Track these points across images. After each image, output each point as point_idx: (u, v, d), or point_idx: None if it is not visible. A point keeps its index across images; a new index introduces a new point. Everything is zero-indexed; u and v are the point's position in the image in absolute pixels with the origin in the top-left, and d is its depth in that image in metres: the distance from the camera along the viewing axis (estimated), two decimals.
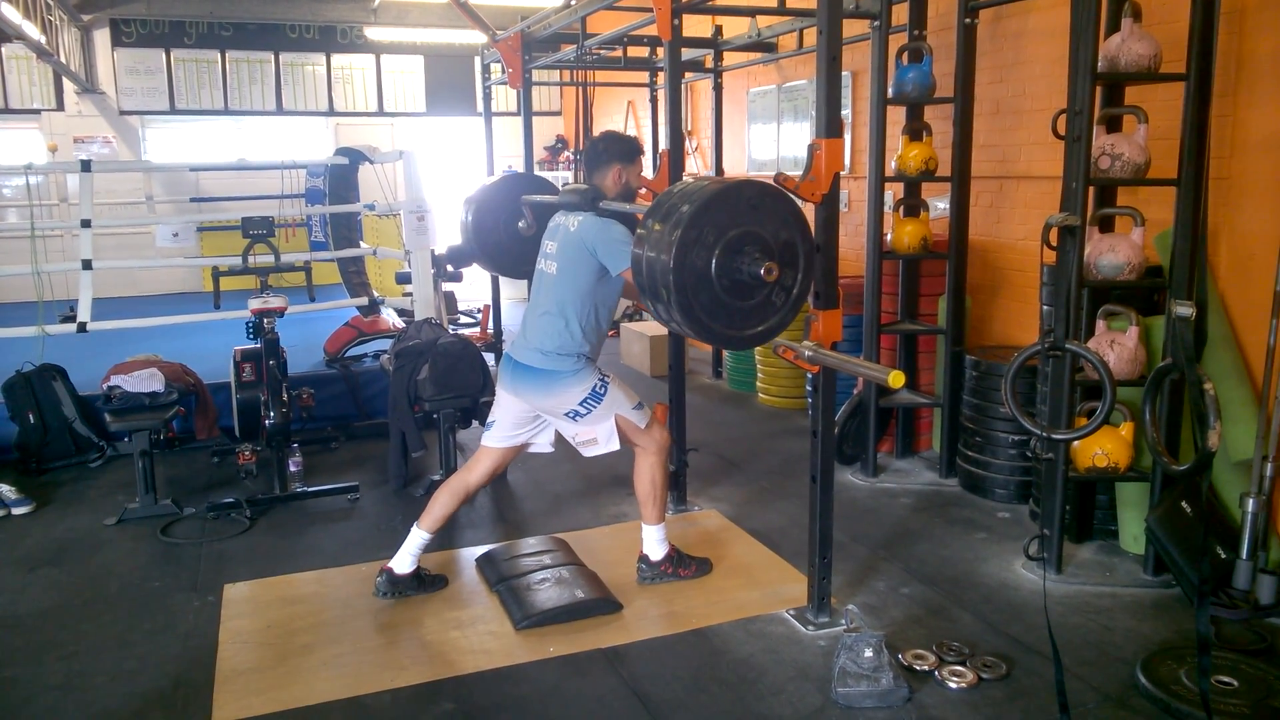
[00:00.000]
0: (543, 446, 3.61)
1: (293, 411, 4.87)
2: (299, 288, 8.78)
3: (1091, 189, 3.56)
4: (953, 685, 2.89)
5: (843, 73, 3.36)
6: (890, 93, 4.62)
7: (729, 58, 7.27)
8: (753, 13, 5.80)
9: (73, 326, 5.25)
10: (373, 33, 10.49)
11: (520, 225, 3.72)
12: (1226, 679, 2.83)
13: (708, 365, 7.37)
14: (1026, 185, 4.86)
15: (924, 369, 5.16)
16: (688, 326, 2.67)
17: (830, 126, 2.97)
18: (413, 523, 3.64)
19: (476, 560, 3.85)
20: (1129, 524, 3.85)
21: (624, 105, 9.86)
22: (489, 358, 7.18)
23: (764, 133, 7.51)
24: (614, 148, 3.44)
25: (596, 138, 3.54)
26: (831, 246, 3.07)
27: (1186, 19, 3.39)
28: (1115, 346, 3.61)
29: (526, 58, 6.57)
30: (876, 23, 4.58)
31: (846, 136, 6.20)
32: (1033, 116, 4.75)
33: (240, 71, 10.48)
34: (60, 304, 5.94)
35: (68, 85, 9.93)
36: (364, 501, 4.64)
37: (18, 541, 4.20)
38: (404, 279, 6.28)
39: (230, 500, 4.45)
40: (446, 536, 4.02)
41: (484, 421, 4.88)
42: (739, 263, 2.61)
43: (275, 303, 4.74)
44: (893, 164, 4.73)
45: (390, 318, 6.56)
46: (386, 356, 5.21)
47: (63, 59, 8.58)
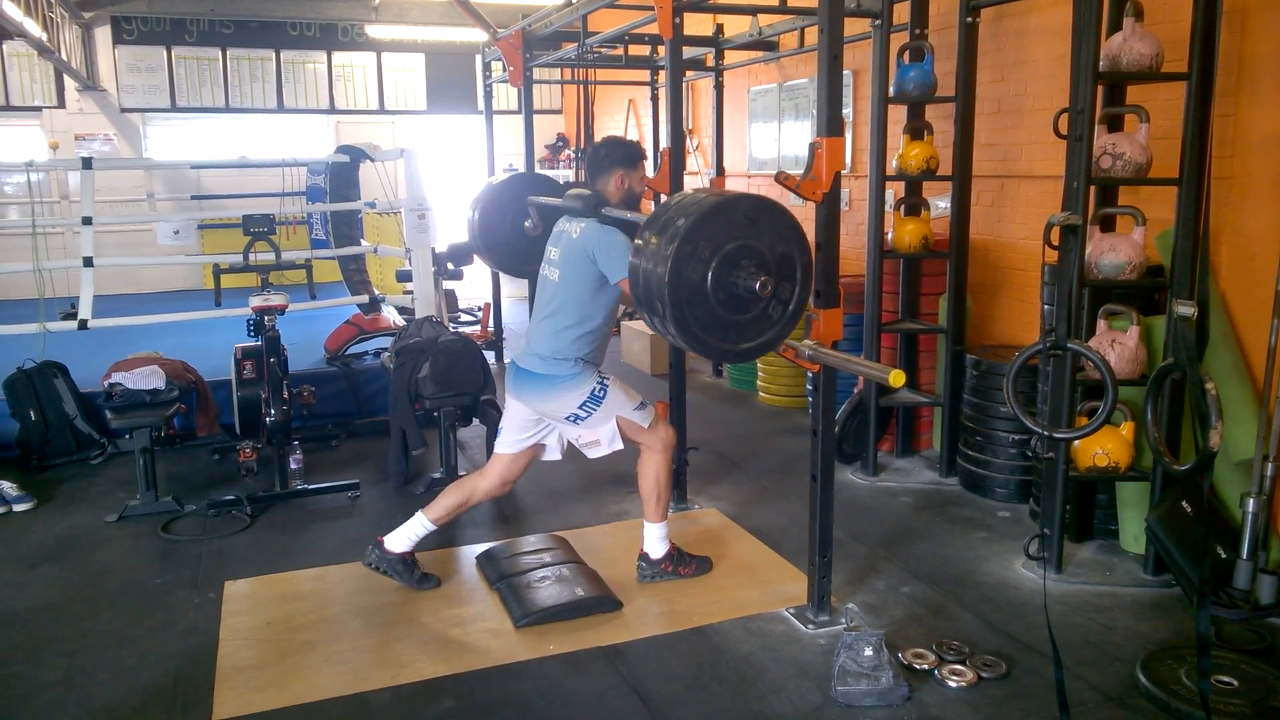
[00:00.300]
0: (553, 453, 3.62)
1: (293, 409, 4.88)
2: (300, 285, 8.79)
3: (1093, 188, 3.56)
4: (952, 684, 2.89)
5: (844, 71, 3.36)
6: (891, 91, 4.62)
7: (730, 56, 7.27)
8: (754, 11, 5.80)
9: (74, 324, 5.25)
10: (374, 30, 10.49)
11: (526, 225, 3.75)
12: (1227, 679, 2.83)
13: (708, 364, 7.37)
14: (1028, 184, 4.86)
15: (924, 368, 5.16)
16: (682, 339, 2.65)
17: (831, 125, 2.97)
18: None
19: (476, 558, 3.85)
20: (1129, 523, 3.85)
21: (625, 103, 9.86)
22: (489, 356, 7.19)
23: (765, 131, 7.51)
24: (616, 153, 3.45)
25: (598, 143, 3.53)
26: (832, 245, 3.07)
27: (1188, 18, 3.39)
28: (1116, 346, 3.61)
29: (528, 56, 6.57)
30: (878, 21, 4.58)
31: (848, 135, 6.20)
32: (1034, 115, 4.75)
33: (241, 69, 10.48)
34: (61, 301, 5.94)
35: (69, 83, 9.93)
36: (364, 499, 4.65)
37: (19, 538, 4.20)
38: (405, 277, 6.29)
39: (231, 497, 4.45)
40: (446, 534, 4.02)
41: (484, 419, 4.92)
42: (735, 276, 2.59)
43: (276, 300, 4.75)
44: (894, 163, 4.73)
45: (391, 316, 6.56)
46: (387, 354, 5.22)
47: (64, 56, 8.58)
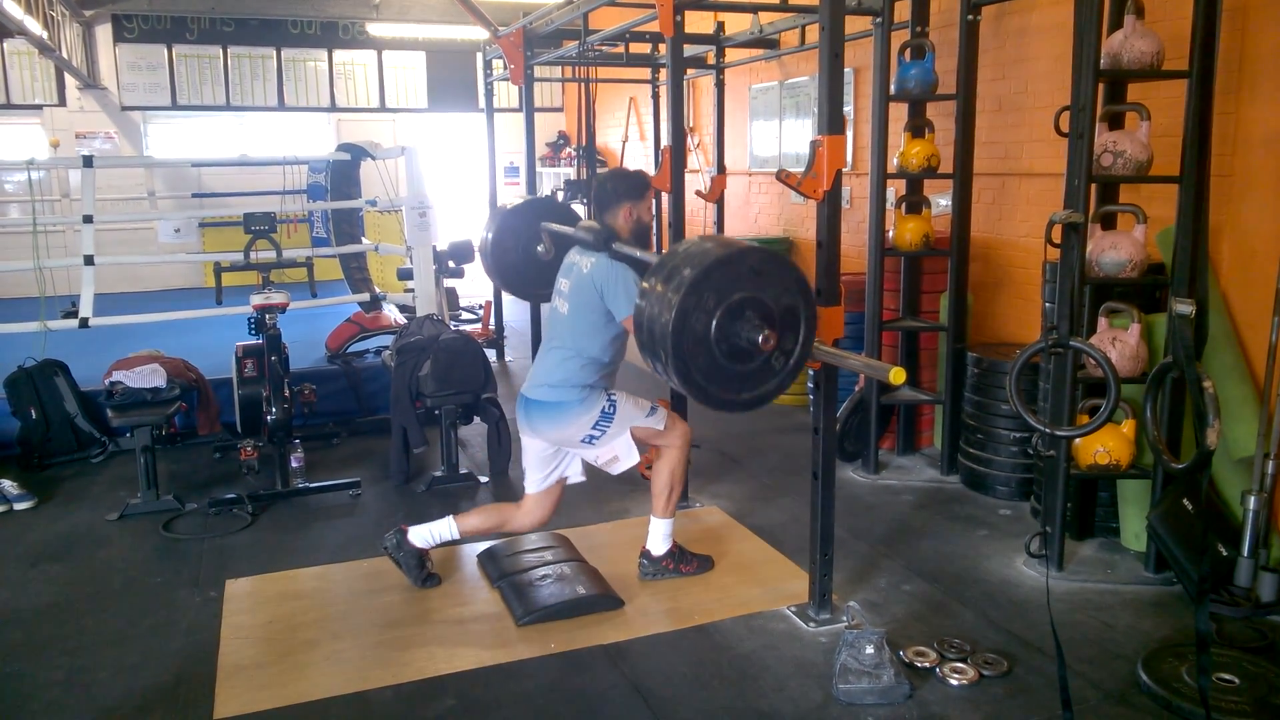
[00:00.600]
0: (576, 477, 3.62)
1: (294, 407, 4.88)
2: (301, 283, 8.75)
3: (1094, 186, 3.56)
4: (954, 682, 2.90)
5: (845, 69, 3.36)
6: (892, 89, 4.62)
7: (731, 54, 7.27)
8: (755, 9, 5.79)
9: (75, 322, 5.25)
10: (374, 28, 10.48)
11: (539, 250, 3.76)
12: (1228, 676, 2.83)
13: None
14: (1028, 182, 4.86)
15: (925, 366, 5.16)
16: (684, 388, 2.63)
17: (832, 123, 2.97)
18: (413, 520, 3.68)
19: (478, 556, 3.86)
20: (1130, 521, 3.85)
21: (626, 101, 9.85)
22: (490, 354, 7.19)
23: (766, 129, 7.51)
24: (621, 186, 3.45)
25: (603, 177, 3.53)
26: (833, 243, 3.07)
27: (1189, 16, 3.39)
28: (1117, 344, 3.61)
29: (528, 54, 6.57)
30: (879, 19, 4.58)
31: (849, 133, 6.19)
32: (1035, 113, 4.75)
33: (242, 67, 10.47)
34: (62, 299, 5.95)
35: (69, 81, 9.91)
36: (365, 497, 4.65)
37: (20, 537, 4.21)
38: (406, 275, 6.29)
39: (232, 496, 4.46)
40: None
41: (485, 417, 4.92)
42: (739, 328, 2.57)
43: (277, 298, 4.75)
44: (895, 161, 4.73)
45: (392, 314, 6.56)
46: (388, 352, 5.22)
47: (64, 54, 8.56)
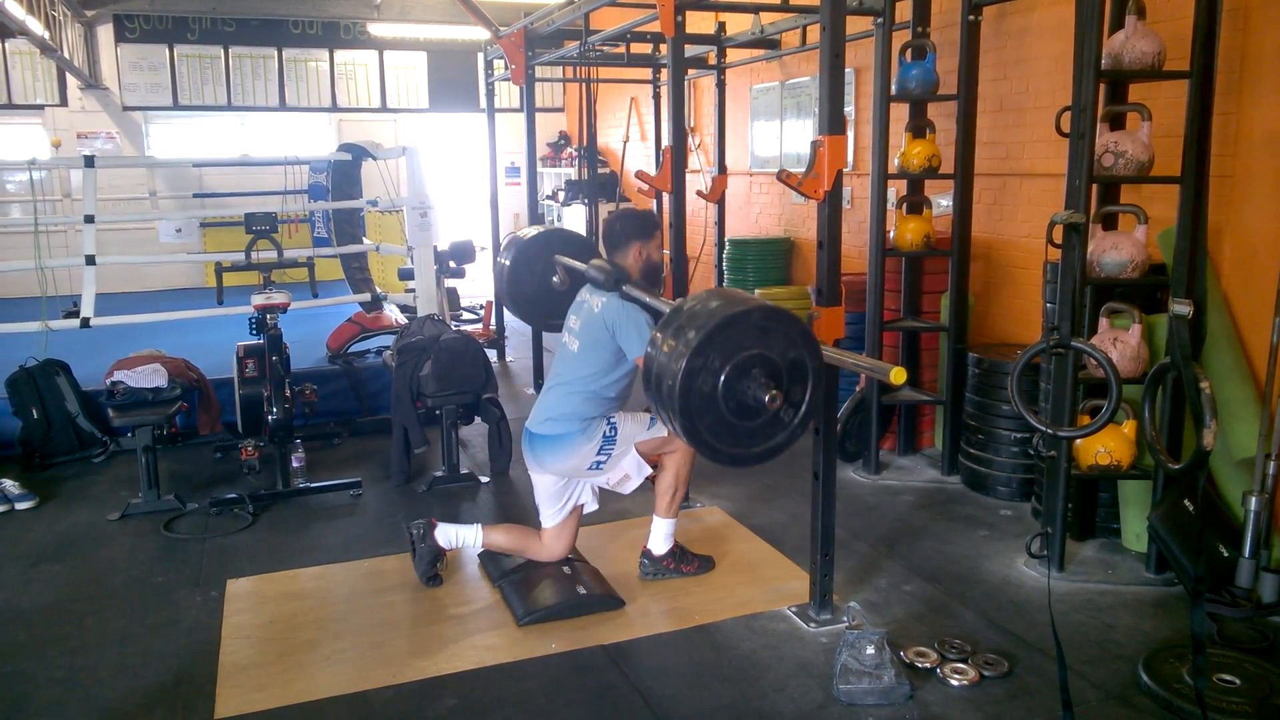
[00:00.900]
0: (591, 505, 3.62)
1: (295, 407, 4.88)
2: (302, 283, 8.72)
3: (1095, 186, 3.56)
4: (955, 683, 2.89)
5: (846, 69, 3.36)
6: (893, 90, 4.62)
7: (732, 54, 7.27)
8: (756, 9, 5.79)
9: (76, 322, 5.25)
10: (376, 29, 10.48)
11: (555, 280, 3.81)
12: (1229, 677, 2.83)
13: None
14: (1029, 183, 4.85)
15: (926, 366, 5.16)
16: (691, 444, 2.64)
17: (833, 123, 2.97)
18: (413, 520, 3.69)
19: (479, 555, 3.85)
20: (1131, 522, 3.85)
21: (627, 102, 9.85)
22: (491, 354, 7.19)
23: (767, 129, 7.50)
24: (630, 227, 3.48)
25: (612, 218, 3.55)
26: (834, 243, 3.07)
27: (1190, 16, 3.39)
28: (1118, 344, 3.60)
29: (530, 54, 6.57)
30: (880, 19, 4.58)
31: (849, 133, 6.19)
32: (1036, 114, 4.74)
33: (243, 67, 10.47)
34: (64, 299, 5.95)
35: (71, 81, 9.91)
36: (366, 497, 4.65)
37: (21, 536, 4.21)
38: (407, 275, 6.29)
39: (233, 496, 4.46)
40: None
41: (486, 418, 4.93)
42: (745, 386, 2.57)
43: (278, 298, 4.75)
44: (896, 161, 4.73)
45: (393, 314, 6.56)
46: (389, 352, 5.22)
47: (66, 54, 8.57)
